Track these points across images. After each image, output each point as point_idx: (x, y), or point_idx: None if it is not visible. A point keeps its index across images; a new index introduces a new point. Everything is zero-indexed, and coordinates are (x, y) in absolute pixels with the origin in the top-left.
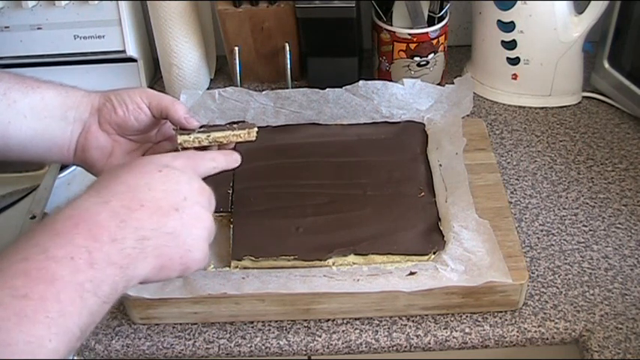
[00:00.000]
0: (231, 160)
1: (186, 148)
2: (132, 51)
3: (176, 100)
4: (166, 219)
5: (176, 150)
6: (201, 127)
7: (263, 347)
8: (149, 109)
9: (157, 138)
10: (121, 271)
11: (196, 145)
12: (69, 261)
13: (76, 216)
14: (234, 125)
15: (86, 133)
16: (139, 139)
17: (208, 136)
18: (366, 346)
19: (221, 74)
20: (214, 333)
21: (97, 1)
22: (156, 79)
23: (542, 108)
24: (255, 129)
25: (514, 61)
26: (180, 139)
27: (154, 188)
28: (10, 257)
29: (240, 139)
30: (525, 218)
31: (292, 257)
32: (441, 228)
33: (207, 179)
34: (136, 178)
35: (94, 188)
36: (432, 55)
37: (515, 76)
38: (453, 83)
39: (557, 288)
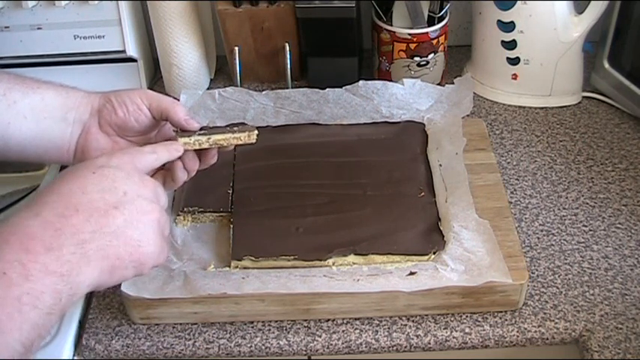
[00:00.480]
0: (172, 150)
1: (187, 150)
2: (132, 51)
3: (176, 101)
4: (106, 219)
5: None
6: (201, 128)
7: (263, 347)
8: (149, 111)
9: (157, 139)
10: (63, 279)
11: (197, 147)
12: (1, 276)
13: (6, 232)
14: (235, 128)
15: (86, 135)
16: (139, 141)
17: (209, 138)
18: (366, 346)
19: (221, 74)
20: (214, 333)
21: (97, 1)
22: (156, 79)
23: (542, 108)
24: (256, 132)
25: (514, 61)
26: (181, 141)
27: (88, 191)
28: None
29: (240, 142)
30: (525, 218)
31: (292, 257)
32: (441, 228)
33: (206, 179)
34: (69, 184)
35: (27, 204)
36: (432, 55)
37: (515, 76)
38: (453, 83)
39: (557, 288)
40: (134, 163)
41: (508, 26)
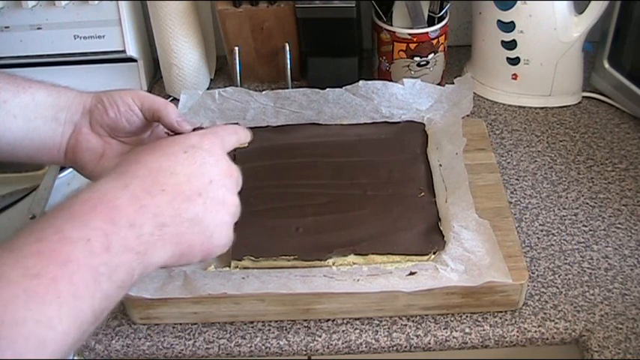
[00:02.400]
0: (248, 132)
1: None
2: (132, 51)
3: (169, 102)
4: (187, 204)
5: None
6: (193, 129)
7: (263, 347)
8: (141, 111)
9: (149, 140)
10: (138, 257)
11: None
12: (85, 243)
13: (95, 199)
14: None
15: (77, 135)
16: (131, 141)
17: None
18: (366, 346)
19: (221, 74)
20: (214, 333)
21: (97, 1)
22: (156, 79)
23: (542, 108)
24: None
25: (514, 61)
26: None
27: (177, 172)
28: (25, 237)
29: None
30: (525, 218)
31: (292, 257)
32: (441, 228)
33: None
34: (159, 161)
35: (115, 171)
36: (432, 55)
37: (515, 76)
38: (453, 83)
39: (557, 288)
40: (223, 146)
41: (508, 26)
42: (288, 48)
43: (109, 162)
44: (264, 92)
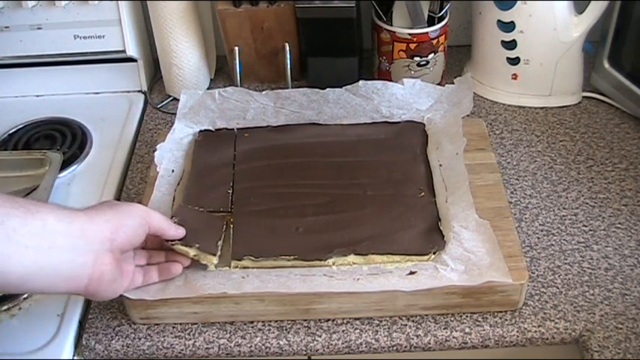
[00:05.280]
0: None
1: None
2: (132, 51)
3: (171, 224)
4: None
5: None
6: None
7: (263, 347)
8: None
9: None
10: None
11: None
12: None
13: None
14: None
15: (100, 265)
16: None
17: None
18: (366, 346)
19: (221, 74)
20: (214, 333)
21: (97, 1)
22: (156, 79)
23: (542, 108)
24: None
25: (514, 61)
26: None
27: None
28: None
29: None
30: (525, 218)
31: (292, 257)
32: (441, 228)
33: (206, 178)
34: None
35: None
36: (432, 55)
37: (515, 76)
38: (453, 83)
39: (557, 288)
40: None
41: (508, 26)
42: (288, 48)
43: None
44: (264, 92)
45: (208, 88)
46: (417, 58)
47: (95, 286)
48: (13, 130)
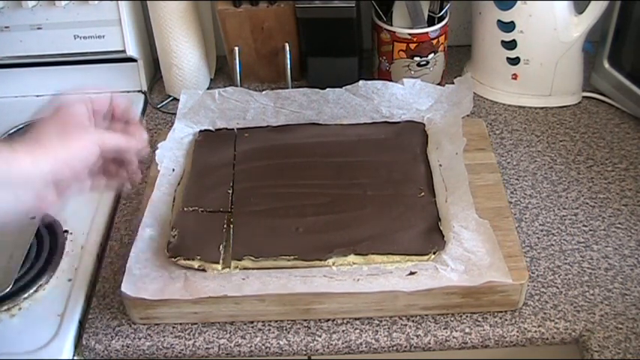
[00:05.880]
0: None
1: None
2: (132, 51)
3: (127, 137)
4: None
5: None
6: None
7: (263, 347)
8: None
9: None
10: None
11: None
12: None
13: None
14: None
15: (42, 201)
16: None
17: None
18: (366, 346)
19: (221, 74)
20: (214, 333)
21: (97, 1)
22: (156, 79)
23: (542, 108)
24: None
25: (514, 61)
26: None
27: None
28: None
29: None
30: (525, 218)
31: (292, 257)
32: (441, 228)
33: (206, 179)
34: None
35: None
36: (432, 55)
37: (515, 76)
38: (453, 83)
39: (557, 288)
40: None
41: (508, 26)
42: (288, 48)
43: None
44: (264, 92)
45: (208, 88)
46: (417, 58)
47: (40, 210)
48: (13, 130)
